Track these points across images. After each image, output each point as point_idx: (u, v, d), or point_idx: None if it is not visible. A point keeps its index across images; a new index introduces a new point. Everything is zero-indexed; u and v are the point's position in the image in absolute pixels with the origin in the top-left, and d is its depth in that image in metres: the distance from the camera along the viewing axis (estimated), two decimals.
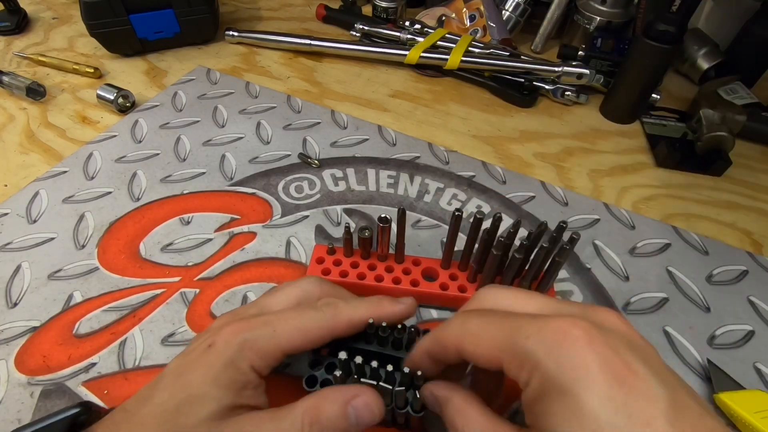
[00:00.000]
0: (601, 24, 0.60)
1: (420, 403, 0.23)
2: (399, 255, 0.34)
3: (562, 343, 0.16)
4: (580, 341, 0.16)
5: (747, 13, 0.57)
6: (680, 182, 0.47)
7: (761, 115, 0.51)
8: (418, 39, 0.60)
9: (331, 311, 0.23)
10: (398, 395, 0.22)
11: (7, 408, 0.29)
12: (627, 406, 0.15)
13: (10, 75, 0.52)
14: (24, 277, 0.36)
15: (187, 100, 0.53)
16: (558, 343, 0.16)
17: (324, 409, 0.20)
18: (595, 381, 0.15)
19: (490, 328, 0.19)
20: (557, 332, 0.17)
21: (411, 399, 0.23)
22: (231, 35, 0.63)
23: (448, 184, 0.45)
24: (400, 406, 0.23)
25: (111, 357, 0.31)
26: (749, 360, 0.33)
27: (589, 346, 0.16)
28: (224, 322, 0.23)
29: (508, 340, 0.18)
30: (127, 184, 0.43)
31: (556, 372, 0.16)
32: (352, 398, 0.21)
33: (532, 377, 0.17)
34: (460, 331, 0.20)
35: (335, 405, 0.20)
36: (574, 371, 0.16)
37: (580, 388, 0.15)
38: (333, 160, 0.47)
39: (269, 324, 0.22)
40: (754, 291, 0.38)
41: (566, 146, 0.51)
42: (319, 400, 0.21)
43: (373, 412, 0.21)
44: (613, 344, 0.16)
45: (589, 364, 0.16)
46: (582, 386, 0.15)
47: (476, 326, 0.19)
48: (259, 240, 0.39)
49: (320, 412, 0.20)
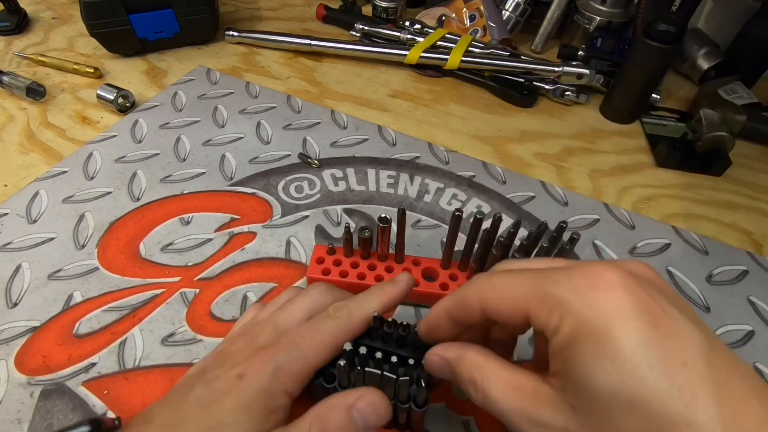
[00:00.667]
0: (601, 24, 0.60)
1: (423, 396, 0.23)
2: (399, 255, 0.34)
3: (596, 285, 0.16)
4: (615, 284, 0.16)
5: (747, 13, 0.57)
6: (680, 182, 0.47)
7: (761, 115, 0.51)
8: (418, 39, 0.60)
9: (345, 315, 0.24)
10: (402, 385, 0.22)
11: (7, 408, 0.29)
12: (664, 347, 0.15)
13: (10, 75, 0.52)
14: (24, 277, 0.36)
15: (187, 100, 0.53)
16: (591, 286, 0.16)
17: (329, 418, 0.20)
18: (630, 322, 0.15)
19: (517, 280, 0.18)
20: (589, 276, 0.16)
21: (414, 393, 0.23)
22: (231, 35, 0.63)
23: (448, 184, 0.45)
24: (403, 399, 0.23)
25: (111, 357, 0.31)
26: (749, 360, 0.33)
27: (624, 289, 0.16)
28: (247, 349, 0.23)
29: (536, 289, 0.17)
30: (127, 184, 0.43)
31: (589, 315, 0.16)
32: (356, 401, 0.21)
33: (563, 323, 0.16)
34: (485, 286, 0.19)
35: (340, 412, 0.20)
36: (608, 313, 0.15)
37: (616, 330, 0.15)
38: (333, 160, 0.47)
39: (296, 345, 0.22)
40: (754, 291, 0.38)
41: (566, 146, 0.51)
42: (323, 409, 0.21)
43: (378, 412, 0.21)
44: (647, 289, 0.16)
45: (624, 306, 0.15)
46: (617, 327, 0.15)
47: (501, 280, 0.19)
48: (259, 240, 0.39)
49: (326, 422, 0.20)
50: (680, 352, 0.15)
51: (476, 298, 0.20)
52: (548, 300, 0.17)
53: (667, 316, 0.15)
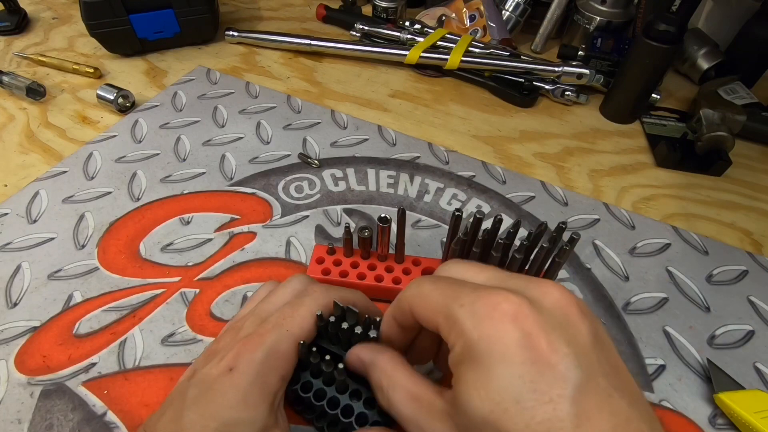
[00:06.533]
0: (601, 24, 0.60)
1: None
2: (399, 255, 0.34)
3: (491, 315, 0.17)
4: (506, 317, 0.17)
5: (747, 13, 0.57)
6: (680, 182, 0.47)
7: (761, 115, 0.51)
8: (418, 39, 0.60)
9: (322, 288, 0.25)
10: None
11: (7, 408, 0.29)
12: (535, 383, 0.15)
13: (10, 75, 0.52)
14: (24, 277, 0.36)
15: (187, 100, 0.53)
16: (488, 315, 0.17)
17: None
18: (509, 356, 0.16)
19: (436, 293, 0.19)
20: (488, 305, 0.17)
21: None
22: (231, 35, 0.63)
23: (448, 184, 0.45)
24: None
25: (111, 357, 0.31)
26: (749, 360, 0.33)
27: (513, 323, 0.16)
28: (233, 341, 0.23)
29: (446, 305, 0.18)
30: (127, 184, 0.43)
31: (477, 342, 0.17)
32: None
33: (457, 342, 0.18)
34: (414, 292, 0.21)
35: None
36: (492, 344, 0.16)
37: (493, 361, 0.16)
38: (333, 160, 0.47)
39: (280, 326, 0.23)
40: (754, 291, 0.38)
41: (566, 146, 0.51)
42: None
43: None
44: (540, 322, 0.16)
45: (508, 339, 0.16)
46: (496, 360, 0.16)
47: (426, 289, 0.20)
48: (259, 240, 0.39)
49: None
50: (550, 389, 0.15)
51: (407, 302, 0.21)
52: (451, 318, 0.18)
53: (552, 352, 0.16)
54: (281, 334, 0.22)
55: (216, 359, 0.22)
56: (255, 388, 0.21)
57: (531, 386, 0.15)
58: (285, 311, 0.23)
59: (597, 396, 0.15)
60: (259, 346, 0.22)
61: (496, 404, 0.16)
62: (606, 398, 0.15)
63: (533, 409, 0.15)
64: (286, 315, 0.23)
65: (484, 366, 0.16)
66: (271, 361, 0.21)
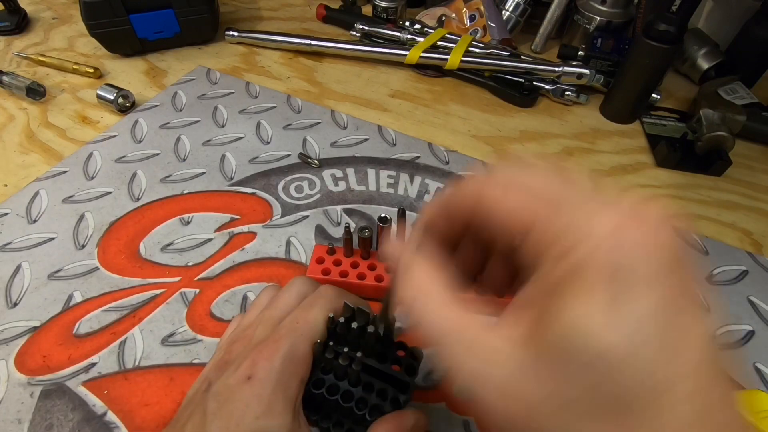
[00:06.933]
0: (601, 24, 0.60)
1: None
2: None
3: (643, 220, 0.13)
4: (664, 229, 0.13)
5: (747, 13, 0.57)
6: (680, 182, 0.47)
7: (761, 115, 0.51)
8: (418, 39, 0.60)
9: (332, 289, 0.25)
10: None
11: (7, 408, 0.29)
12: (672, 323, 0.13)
13: (10, 75, 0.52)
14: (24, 277, 0.36)
15: (187, 100, 0.53)
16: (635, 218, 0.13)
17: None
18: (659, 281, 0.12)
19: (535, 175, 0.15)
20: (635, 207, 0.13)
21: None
22: (231, 35, 0.63)
23: (449, 184, 0.45)
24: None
25: (111, 357, 0.31)
26: (749, 360, 0.33)
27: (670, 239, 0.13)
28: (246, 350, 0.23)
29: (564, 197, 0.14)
30: (127, 184, 0.43)
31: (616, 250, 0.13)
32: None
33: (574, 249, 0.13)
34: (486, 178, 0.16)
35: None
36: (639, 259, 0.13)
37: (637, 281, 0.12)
38: (333, 160, 0.47)
39: (294, 330, 0.22)
40: (754, 291, 0.38)
41: (566, 146, 0.51)
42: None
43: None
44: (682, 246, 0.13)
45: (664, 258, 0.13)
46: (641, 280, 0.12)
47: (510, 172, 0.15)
48: (259, 240, 0.39)
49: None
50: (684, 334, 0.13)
51: (472, 190, 0.16)
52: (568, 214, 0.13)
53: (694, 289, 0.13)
54: (296, 338, 0.22)
55: (231, 368, 0.22)
56: (277, 396, 0.20)
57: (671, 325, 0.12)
58: (298, 315, 0.23)
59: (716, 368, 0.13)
60: (275, 353, 0.21)
61: (625, 337, 0.12)
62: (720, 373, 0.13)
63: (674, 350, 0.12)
64: (299, 318, 0.23)
65: (623, 285, 0.12)
66: (289, 367, 0.21)
